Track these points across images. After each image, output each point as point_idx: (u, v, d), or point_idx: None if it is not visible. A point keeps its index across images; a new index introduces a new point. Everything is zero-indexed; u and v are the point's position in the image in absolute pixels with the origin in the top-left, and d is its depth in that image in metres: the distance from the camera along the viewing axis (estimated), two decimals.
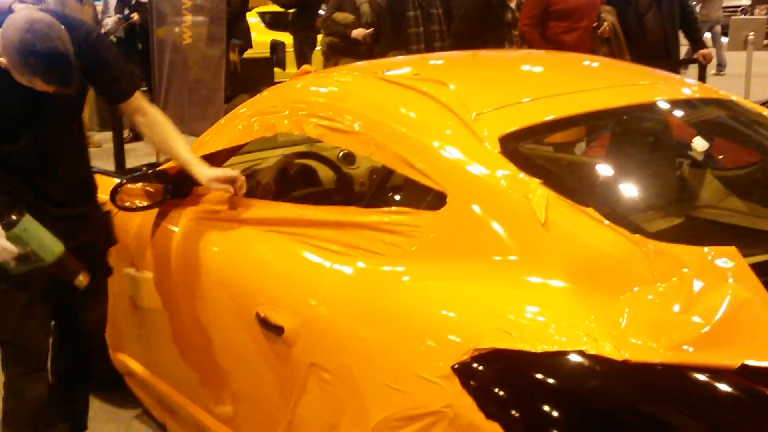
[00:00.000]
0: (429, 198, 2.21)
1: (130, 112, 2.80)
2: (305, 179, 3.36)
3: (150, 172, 2.94)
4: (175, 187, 2.90)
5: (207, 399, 2.85)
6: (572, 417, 1.62)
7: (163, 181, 2.91)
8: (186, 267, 2.77)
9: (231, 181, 2.67)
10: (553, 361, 1.67)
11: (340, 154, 3.63)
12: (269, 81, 6.93)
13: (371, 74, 2.61)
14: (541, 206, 1.94)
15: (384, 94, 2.46)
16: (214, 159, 2.89)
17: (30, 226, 2.50)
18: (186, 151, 2.78)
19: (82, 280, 2.66)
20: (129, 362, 3.33)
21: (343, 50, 6.70)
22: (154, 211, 2.98)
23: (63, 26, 2.35)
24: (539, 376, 1.68)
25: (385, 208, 2.27)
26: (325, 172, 3.45)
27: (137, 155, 7.48)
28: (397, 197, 2.60)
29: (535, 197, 1.96)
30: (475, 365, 1.74)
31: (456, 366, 1.77)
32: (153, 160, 5.03)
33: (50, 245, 2.55)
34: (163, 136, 2.81)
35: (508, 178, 2.04)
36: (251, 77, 6.51)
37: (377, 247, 2.19)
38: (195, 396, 2.93)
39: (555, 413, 1.62)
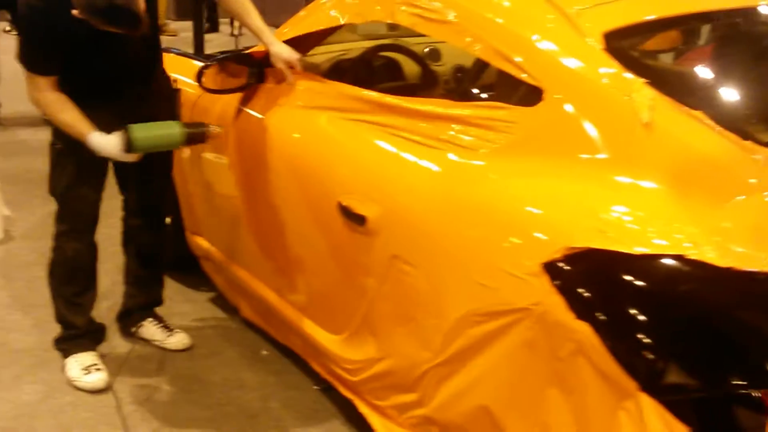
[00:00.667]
0: (523, 93, 2.13)
1: None
2: (389, 72, 3.29)
3: (234, 54, 2.90)
4: (260, 72, 2.86)
5: (281, 284, 2.88)
6: (668, 322, 1.58)
7: (248, 64, 2.87)
8: (267, 153, 2.75)
9: (293, 63, 2.73)
10: (650, 264, 1.62)
11: (426, 50, 3.54)
12: None
13: None
14: (644, 106, 1.86)
15: None
16: (296, 47, 2.84)
17: (140, 134, 2.59)
18: (258, 20, 2.83)
19: (214, 129, 2.74)
20: (205, 245, 3.38)
21: None
22: (237, 95, 2.95)
23: None
24: (635, 278, 1.64)
25: (477, 102, 2.21)
26: (409, 67, 3.37)
27: (212, 46, 7.47)
28: (487, 93, 2.51)
29: (639, 97, 1.87)
30: (566, 264, 1.70)
31: (546, 264, 1.73)
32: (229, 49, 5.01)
33: (170, 134, 2.66)
34: (235, 5, 2.86)
35: (611, 76, 1.96)
36: None
37: (467, 142, 2.13)
38: (269, 281, 2.96)
39: (650, 317, 1.58)
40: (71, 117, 2.64)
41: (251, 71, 2.87)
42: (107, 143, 2.61)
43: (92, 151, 2.64)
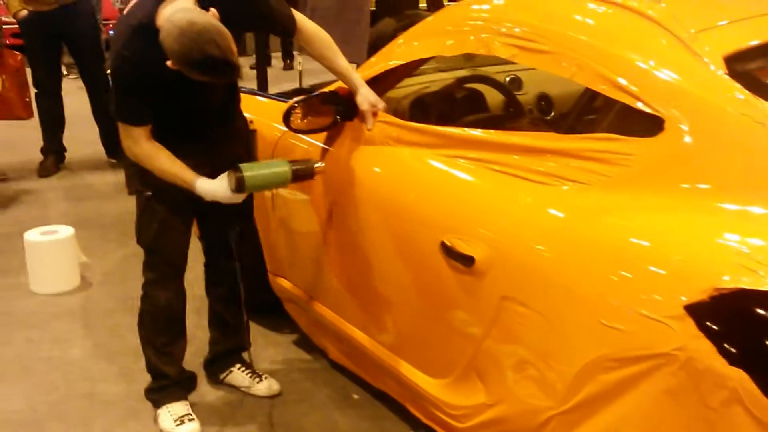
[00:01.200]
0: (638, 123, 2.03)
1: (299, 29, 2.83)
2: (472, 104, 3.21)
3: (321, 93, 2.84)
4: (346, 110, 2.80)
5: (373, 325, 2.80)
6: None
7: (335, 102, 2.81)
8: (356, 191, 2.69)
9: (378, 109, 2.69)
10: None
11: (507, 79, 3.46)
12: (413, 4, 6.73)
13: None
14: None
15: (585, 11, 2.28)
16: (384, 81, 2.78)
17: (251, 173, 2.59)
18: (344, 62, 2.79)
19: (320, 165, 2.75)
20: (288, 287, 3.31)
21: None
22: (321, 135, 2.90)
23: (216, 21, 2.36)
24: None
25: (589, 134, 2.11)
26: (492, 98, 3.29)
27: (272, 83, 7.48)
28: (592, 124, 2.41)
29: None
30: (714, 306, 1.59)
31: (690, 306, 1.62)
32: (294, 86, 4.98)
33: (278, 172, 2.66)
34: (323, 49, 2.83)
35: (740, 103, 1.85)
36: (396, 1, 6.32)
37: (579, 176, 2.04)
38: (359, 322, 2.88)
39: None
40: (174, 165, 2.61)
41: (338, 109, 2.81)
42: (217, 187, 2.61)
43: (193, 196, 2.62)
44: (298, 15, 2.79)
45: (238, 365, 3.18)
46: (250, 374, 3.16)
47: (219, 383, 3.20)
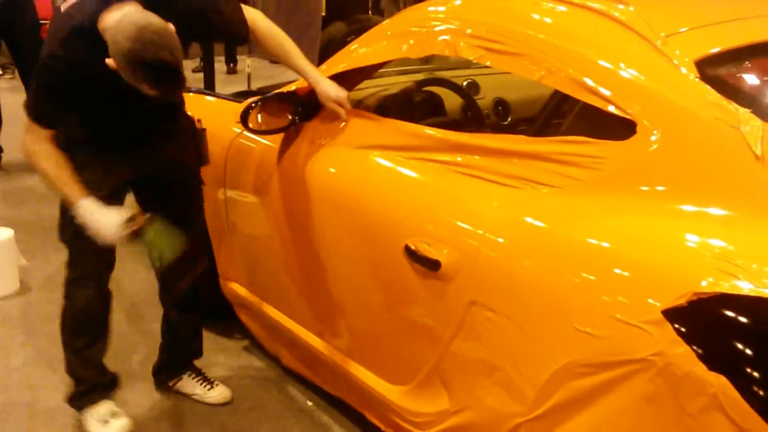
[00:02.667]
0: (609, 127, 2.01)
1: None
2: (431, 108, 3.17)
3: (278, 93, 2.77)
4: (305, 110, 2.74)
5: (331, 331, 2.74)
6: None
7: (293, 102, 2.74)
8: (315, 194, 2.62)
9: (342, 101, 2.61)
10: None
11: (465, 83, 3.43)
12: (363, 8, 6.70)
13: None
14: (756, 138, 1.74)
15: (554, 13, 2.25)
16: (343, 83, 2.72)
17: (154, 231, 2.48)
18: (301, 59, 2.70)
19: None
20: (241, 292, 3.23)
21: None
22: (279, 135, 2.83)
23: (171, 28, 2.24)
24: None
25: (560, 137, 2.09)
26: (449, 102, 3.26)
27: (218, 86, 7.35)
28: (560, 127, 2.39)
29: (749, 128, 1.75)
30: (693, 310, 1.57)
31: (668, 310, 1.60)
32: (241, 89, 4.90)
33: (171, 247, 2.52)
34: (277, 47, 2.72)
35: (711, 106, 1.84)
36: (345, 4, 6.27)
37: (552, 179, 2.01)
38: (316, 328, 2.82)
39: None
40: (61, 173, 2.47)
41: (295, 109, 2.74)
42: (102, 217, 2.44)
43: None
44: (249, 15, 2.68)
45: (189, 372, 3.08)
46: (201, 381, 3.06)
47: (169, 391, 3.10)
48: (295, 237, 2.79)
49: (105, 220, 2.44)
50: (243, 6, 2.68)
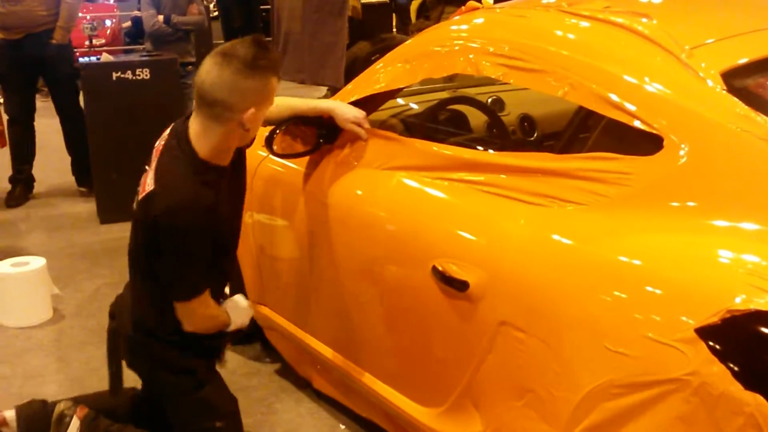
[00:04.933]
0: (635, 142, 1.98)
1: None
2: (455, 126, 3.16)
3: (302, 117, 2.77)
4: (329, 133, 2.74)
5: (362, 354, 2.72)
6: None
7: (316, 125, 2.74)
8: (342, 216, 2.62)
9: (360, 123, 2.63)
10: None
11: (489, 100, 3.42)
12: (388, 28, 6.71)
13: (553, 8, 2.38)
14: None
15: (576, 29, 2.24)
16: (367, 105, 2.72)
17: None
18: (303, 102, 2.74)
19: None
20: (271, 315, 3.22)
21: None
22: (305, 158, 2.83)
23: None
24: None
25: (586, 154, 2.06)
26: (474, 119, 3.24)
27: None
28: (585, 143, 2.37)
29: None
30: (727, 328, 1.53)
31: (702, 329, 1.56)
32: None
33: None
34: (282, 107, 2.68)
35: (739, 118, 1.81)
36: (370, 23, 6.29)
37: (578, 197, 1.98)
38: (348, 351, 2.80)
39: None
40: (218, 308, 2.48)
41: (320, 132, 2.74)
42: (235, 308, 2.53)
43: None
44: None
45: None
46: None
47: None
48: (322, 259, 2.79)
49: (238, 309, 2.53)
50: None
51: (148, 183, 2.29)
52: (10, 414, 2.72)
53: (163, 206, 2.20)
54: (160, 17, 6.36)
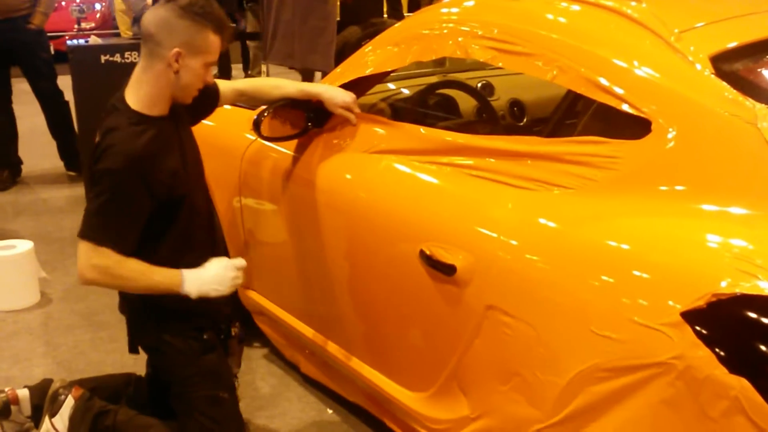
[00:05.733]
0: (623, 126, 1.98)
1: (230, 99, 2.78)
2: (445, 110, 3.15)
3: (291, 100, 2.75)
4: (317, 116, 2.72)
5: (349, 339, 2.72)
6: None
7: (305, 108, 2.73)
8: (330, 200, 2.61)
9: (350, 106, 2.63)
10: None
11: (479, 85, 3.40)
12: (379, 12, 6.67)
13: None
14: None
15: (565, 12, 2.23)
16: (356, 88, 2.71)
17: None
18: (292, 85, 2.74)
19: None
20: (259, 300, 3.21)
21: None
22: (293, 142, 2.82)
23: None
24: None
25: (574, 138, 2.06)
26: (464, 104, 3.23)
27: None
28: (574, 127, 2.36)
29: (765, 123, 1.72)
30: (713, 312, 1.53)
31: (687, 312, 1.56)
32: None
33: None
34: (270, 87, 2.76)
35: (727, 103, 1.80)
36: (360, 8, 6.26)
37: (566, 180, 1.98)
38: (335, 335, 2.79)
39: None
40: (152, 276, 2.37)
41: (308, 116, 2.73)
42: (212, 272, 2.42)
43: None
44: (229, 85, 2.76)
45: None
46: None
47: None
48: (310, 243, 2.78)
49: (215, 273, 2.41)
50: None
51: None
52: (22, 392, 2.73)
53: (98, 152, 2.31)
54: (149, 0, 6.32)
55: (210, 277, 2.40)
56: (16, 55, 5.90)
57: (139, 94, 2.36)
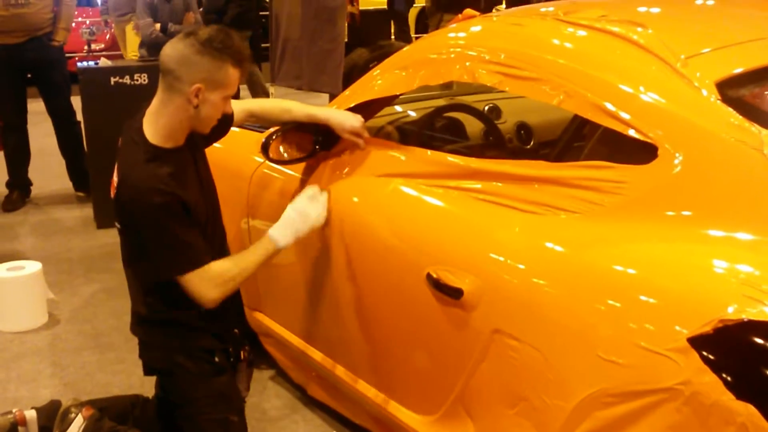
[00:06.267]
0: (629, 151, 1.98)
1: (239, 120, 2.79)
2: (452, 133, 3.16)
3: (298, 122, 2.77)
4: (325, 139, 2.74)
5: (356, 361, 2.71)
6: None
7: (313, 131, 2.74)
8: (336, 223, 2.61)
9: (358, 131, 2.64)
10: None
11: (486, 108, 3.42)
12: (386, 34, 6.71)
13: (550, 17, 2.38)
14: None
15: (572, 37, 2.24)
16: (364, 111, 2.72)
17: None
18: (301, 108, 2.75)
19: None
20: (266, 321, 3.22)
21: (449, 5, 6.32)
22: (301, 165, 2.83)
23: None
24: None
25: (580, 162, 2.07)
26: (470, 127, 3.25)
27: None
28: (580, 152, 2.37)
29: None
30: (719, 338, 1.53)
31: (693, 338, 1.56)
32: None
33: None
34: (280, 110, 2.78)
35: (733, 128, 1.81)
36: (368, 30, 6.30)
37: (572, 205, 1.99)
38: (342, 358, 2.79)
39: None
40: (254, 256, 2.50)
41: (316, 138, 2.74)
42: (302, 211, 2.54)
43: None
44: (240, 106, 2.77)
45: None
46: None
47: None
48: (317, 266, 2.78)
49: (296, 215, 2.53)
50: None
51: (115, 181, 2.42)
52: (30, 414, 2.74)
53: (128, 193, 2.33)
54: (157, 25, 6.37)
55: (294, 220, 2.51)
56: (39, 73, 5.92)
57: (156, 127, 2.37)
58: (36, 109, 6.19)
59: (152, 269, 2.43)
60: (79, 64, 5.60)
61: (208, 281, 2.39)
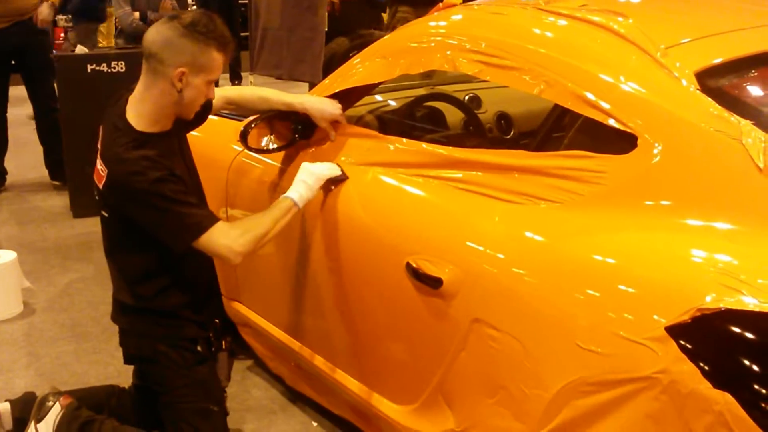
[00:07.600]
0: (609, 140, 1.99)
1: (218, 107, 2.77)
2: (432, 123, 3.16)
3: (278, 111, 2.75)
4: (304, 127, 2.72)
5: (335, 351, 2.71)
6: None
7: (292, 120, 2.73)
8: (316, 212, 2.60)
9: (336, 118, 2.64)
10: None
11: (467, 97, 3.42)
12: (366, 23, 6.68)
13: (531, 6, 2.38)
14: (758, 150, 1.71)
15: (553, 27, 2.24)
16: (344, 100, 2.71)
17: None
18: (278, 96, 2.74)
19: None
20: (244, 311, 3.20)
21: None
22: (280, 154, 2.81)
23: None
24: None
25: (560, 152, 2.07)
26: (451, 116, 3.24)
27: None
28: (560, 141, 2.37)
29: (751, 140, 1.73)
30: (697, 327, 1.54)
31: (671, 327, 1.57)
32: None
33: None
34: (258, 98, 2.77)
35: (712, 118, 1.82)
36: (348, 19, 6.27)
37: (552, 194, 1.99)
38: (320, 348, 2.79)
39: None
40: (270, 213, 2.45)
41: (295, 127, 2.73)
42: (313, 174, 2.48)
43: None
44: (218, 93, 2.71)
45: None
46: None
47: None
48: (296, 255, 2.77)
49: (313, 181, 2.47)
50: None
51: (101, 170, 2.38)
52: (3, 406, 2.73)
53: (123, 176, 2.30)
54: (136, 14, 6.31)
55: (303, 180, 2.46)
56: (25, 57, 5.81)
57: (140, 112, 2.36)
58: (15, 95, 6.09)
59: (169, 241, 2.38)
60: (55, 52, 5.54)
61: (227, 234, 2.34)
